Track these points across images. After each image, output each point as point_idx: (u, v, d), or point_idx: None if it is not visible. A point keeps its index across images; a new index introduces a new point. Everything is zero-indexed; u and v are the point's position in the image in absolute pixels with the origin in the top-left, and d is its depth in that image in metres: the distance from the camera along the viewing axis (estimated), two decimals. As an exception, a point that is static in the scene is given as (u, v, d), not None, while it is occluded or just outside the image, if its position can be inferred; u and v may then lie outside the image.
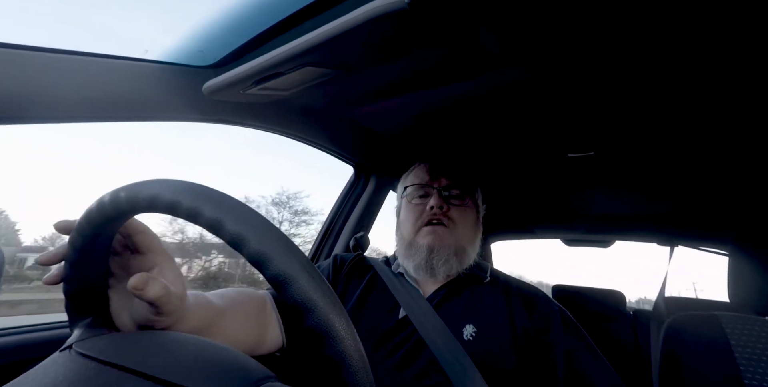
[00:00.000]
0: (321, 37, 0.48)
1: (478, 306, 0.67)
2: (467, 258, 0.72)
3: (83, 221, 0.32)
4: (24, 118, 0.54)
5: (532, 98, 0.74)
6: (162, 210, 0.27)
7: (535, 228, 1.89)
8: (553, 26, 0.50)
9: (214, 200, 0.26)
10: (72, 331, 0.35)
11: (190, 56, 0.65)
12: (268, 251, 0.24)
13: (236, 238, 0.25)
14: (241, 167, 62.79)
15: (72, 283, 0.34)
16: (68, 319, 0.36)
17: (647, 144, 0.92)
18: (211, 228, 0.26)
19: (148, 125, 1.67)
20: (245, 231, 0.25)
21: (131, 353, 0.28)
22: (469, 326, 0.63)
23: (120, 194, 0.29)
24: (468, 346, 0.60)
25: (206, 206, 0.26)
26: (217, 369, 0.27)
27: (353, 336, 0.24)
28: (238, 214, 0.26)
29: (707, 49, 0.54)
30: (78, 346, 0.31)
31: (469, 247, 0.73)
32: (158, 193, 0.27)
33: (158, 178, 0.29)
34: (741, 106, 0.71)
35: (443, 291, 0.70)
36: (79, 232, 0.32)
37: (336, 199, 1.23)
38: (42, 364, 0.30)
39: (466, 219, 0.74)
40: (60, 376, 0.27)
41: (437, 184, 0.75)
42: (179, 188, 0.27)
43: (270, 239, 0.25)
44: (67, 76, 0.54)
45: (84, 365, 0.28)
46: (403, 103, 0.80)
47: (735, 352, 0.63)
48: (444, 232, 0.71)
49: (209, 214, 0.26)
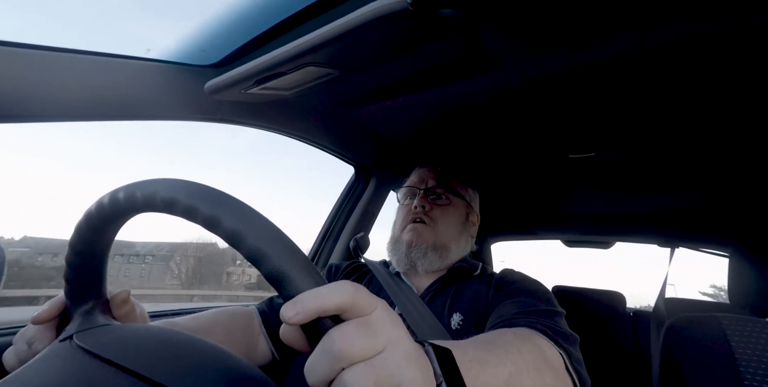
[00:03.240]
0: (323, 37, 0.48)
1: (465, 295, 0.70)
2: (449, 254, 0.76)
3: (83, 224, 0.32)
4: (25, 117, 0.54)
5: (534, 99, 0.74)
6: (160, 209, 0.27)
7: (535, 229, 1.89)
8: (555, 27, 0.50)
9: (212, 198, 0.26)
10: (71, 316, 0.35)
11: (192, 55, 0.65)
12: (266, 249, 0.24)
13: (233, 235, 0.25)
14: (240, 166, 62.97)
15: (74, 272, 0.34)
16: (68, 302, 0.36)
17: (648, 145, 0.92)
18: (209, 226, 0.25)
19: (148, 124, 1.65)
20: (242, 228, 0.25)
21: (131, 352, 0.28)
22: (456, 315, 0.66)
23: (118, 195, 0.29)
24: (455, 335, 0.62)
25: (203, 204, 0.26)
26: (217, 376, 0.27)
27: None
28: (235, 212, 0.26)
29: (709, 49, 0.54)
30: (79, 339, 0.30)
31: (452, 244, 0.77)
32: (156, 191, 0.27)
33: (156, 178, 0.29)
34: (741, 107, 0.71)
35: (434, 286, 0.73)
36: (79, 233, 0.32)
37: (336, 199, 1.23)
38: (43, 355, 0.30)
39: (448, 217, 0.78)
40: (60, 371, 0.27)
41: (424, 185, 0.82)
42: (176, 187, 0.27)
43: (267, 237, 0.25)
44: (68, 74, 0.54)
45: (84, 361, 0.28)
46: (404, 104, 0.80)
47: (736, 354, 0.63)
48: (424, 229, 0.76)
49: (206, 212, 0.25)
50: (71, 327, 0.34)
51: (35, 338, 0.36)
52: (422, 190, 0.80)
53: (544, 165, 1.12)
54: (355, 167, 1.19)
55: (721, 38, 0.51)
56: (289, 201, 24.09)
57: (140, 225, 18.31)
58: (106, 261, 0.36)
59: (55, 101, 0.54)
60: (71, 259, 0.33)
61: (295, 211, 38.68)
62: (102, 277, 0.36)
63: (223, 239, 0.25)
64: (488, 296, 0.67)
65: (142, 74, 0.61)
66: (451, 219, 0.79)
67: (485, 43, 0.53)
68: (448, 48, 0.55)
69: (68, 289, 0.35)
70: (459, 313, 0.66)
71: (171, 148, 63.57)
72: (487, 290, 0.69)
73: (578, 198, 1.43)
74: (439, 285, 0.73)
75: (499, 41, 0.54)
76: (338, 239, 1.17)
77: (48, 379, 0.26)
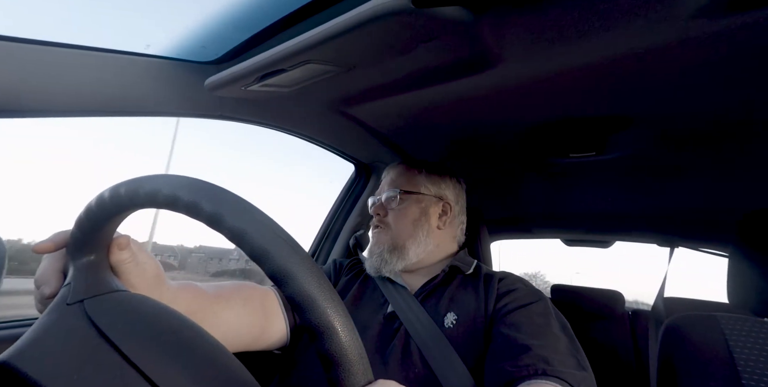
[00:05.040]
0: (324, 34, 0.48)
1: (460, 295, 0.70)
2: (408, 253, 0.77)
3: (83, 217, 0.32)
4: (24, 112, 0.54)
5: (534, 97, 0.74)
6: (162, 205, 0.27)
7: (535, 227, 1.89)
8: (556, 25, 0.50)
9: (214, 195, 0.26)
10: (70, 267, 0.35)
11: (192, 52, 0.65)
12: (269, 247, 0.24)
13: (236, 232, 0.25)
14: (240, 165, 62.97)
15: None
16: (68, 254, 0.35)
17: (649, 144, 0.92)
18: (211, 223, 0.25)
19: (147, 121, 1.64)
20: (246, 226, 0.25)
21: (132, 336, 0.28)
22: (450, 314, 0.66)
23: (120, 190, 0.29)
24: (449, 334, 0.63)
25: (205, 200, 0.26)
26: (208, 377, 0.27)
27: (352, 331, 0.24)
28: (238, 209, 0.26)
29: (709, 49, 0.54)
30: (89, 306, 0.30)
31: (409, 242, 0.77)
32: (159, 187, 0.27)
33: (159, 174, 0.29)
34: (741, 107, 0.71)
35: (429, 285, 0.73)
36: (80, 228, 0.32)
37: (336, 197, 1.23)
38: (52, 321, 0.30)
39: (401, 219, 0.80)
40: (67, 346, 0.27)
41: (379, 193, 0.84)
42: (179, 183, 0.27)
43: (270, 235, 0.25)
44: (67, 70, 0.54)
45: (90, 338, 0.28)
46: (405, 102, 0.79)
47: (734, 353, 0.63)
48: (379, 233, 0.80)
49: (209, 209, 0.25)
50: (77, 290, 0.33)
51: (42, 281, 0.36)
52: (377, 199, 0.83)
53: (544, 164, 1.12)
54: (355, 165, 1.19)
55: (722, 38, 0.51)
56: (289, 200, 23.70)
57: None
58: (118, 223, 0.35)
59: (54, 96, 0.54)
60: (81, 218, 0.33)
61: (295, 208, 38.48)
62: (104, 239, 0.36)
63: (226, 237, 0.25)
64: (486, 300, 0.67)
65: (142, 70, 0.61)
66: (404, 220, 0.80)
67: (487, 41, 0.53)
68: (448, 46, 0.54)
69: (70, 242, 0.35)
70: (453, 312, 0.66)
71: (168, 145, 63.20)
72: (485, 293, 0.69)
73: (578, 197, 1.43)
74: (433, 285, 0.73)
75: (500, 39, 0.53)
76: (338, 237, 1.17)
77: (56, 355, 0.26)
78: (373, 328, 0.68)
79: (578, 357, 0.56)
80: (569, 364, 0.53)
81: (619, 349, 1.45)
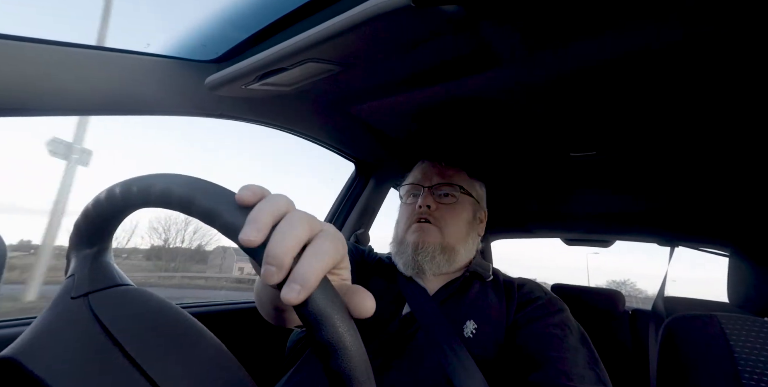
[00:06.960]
0: (324, 33, 0.48)
1: (481, 303, 0.67)
2: (457, 256, 0.72)
3: (90, 207, 0.31)
4: (24, 111, 0.53)
5: (535, 97, 0.74)
6: (175, 207, 0.26)
7: (535, 227, 1.89)
8: (558, 25, 0.50)
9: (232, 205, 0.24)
10: (73, 258, 0.34)
11: (192, 50, 0.65)
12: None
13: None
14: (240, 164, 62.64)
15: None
16: (69, 245, 0.35)
17: (649, 144, 0.92)
18: (227, 234, 0.24)
19: (147, 119, 1.65)
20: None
21: (135, 334, 0.28)
22: (470, 322, 0.63)
23: (132, 187, 0.28)
24: (468, 343, 0.60)
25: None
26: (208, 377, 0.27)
27: (362, 349, 0.23)
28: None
29: (710, 49, 0.54)
30: (94, 300, 0.30)
31: (460, 245, 0.73)
32: (171, 187, 0.26)
33: (173, 173, 0.29)
34: (741, 107, 0.70)
35: (448, 290, 0.70)
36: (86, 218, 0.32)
37: (336, 195, 1.23)
38: (56, 315, 0.30)
39: (456, 217, 0.74)
40: (72, 342, 0.27)
41: (428, 182, 0.77)
42: (195, 186, 0.26)
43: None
44: (67, 68, 0.54)
45: (94, 335, 0.28)
46: (405, 100, 0.79)
47: (734, 352, 0.63)
48: (430, 229, 0.72)
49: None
50: (81, 283, 0.32)
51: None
52: (426, 188, 0.75)
53: (545, 163, 1.12)
54: (355, 163, 1.19)
55: (723, 38, 0.51)
56: (290, 199, 24.19)
57: (141, 221, 17.72)
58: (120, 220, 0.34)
59: (54, 95, 0.54)
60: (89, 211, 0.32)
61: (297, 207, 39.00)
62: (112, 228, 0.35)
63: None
64: (507, 310, 0.65)
65: (142, 69, 0.61)
66: (458, 218, 0.74)
67: (487, 40, 0.53)
68: (449, 45, 0.54)
69: (74, 232, 0.34)
70: (473, 321, 0.63)
71: (170, 143, 62.59)
72: (506, 302, 0.66)
73: (579, 196, 1.43)
74: (453, 290, 0.70)
75: (501, 38, 0.53)
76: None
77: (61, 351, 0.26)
78: (388, 327, 0.65)
79: (597, 370, 0.55)
80: (589, 378, 0.52)
81: (620, 349, 1.45)
